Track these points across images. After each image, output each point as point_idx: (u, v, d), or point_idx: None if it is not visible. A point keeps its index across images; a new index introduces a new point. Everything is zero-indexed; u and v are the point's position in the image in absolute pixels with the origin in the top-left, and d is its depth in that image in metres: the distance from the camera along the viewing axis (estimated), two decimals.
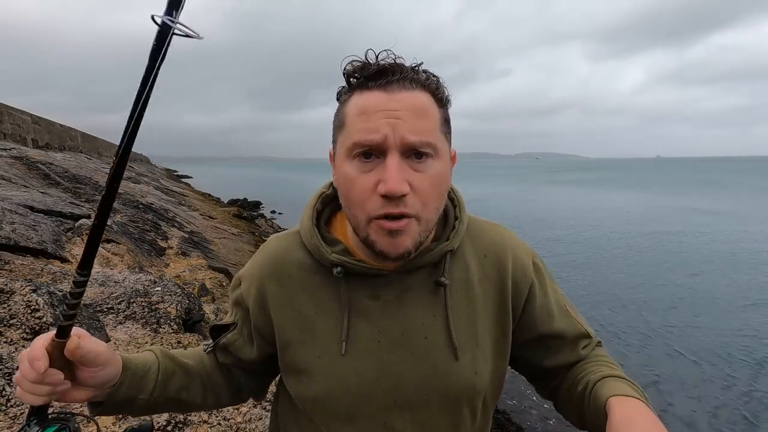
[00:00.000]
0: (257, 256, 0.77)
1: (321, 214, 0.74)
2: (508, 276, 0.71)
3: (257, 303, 0.72)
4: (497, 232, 0.75)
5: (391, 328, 0.67)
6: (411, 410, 0.67)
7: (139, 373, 0.69)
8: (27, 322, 2.34)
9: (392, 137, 0.57)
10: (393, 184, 0.56)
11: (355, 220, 0.63)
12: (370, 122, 0.58)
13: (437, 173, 0.61)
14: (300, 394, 0.70)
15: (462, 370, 0.67)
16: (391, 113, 0.58)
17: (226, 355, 0.80)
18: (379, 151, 0.59)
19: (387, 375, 0.66)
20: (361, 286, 0.68)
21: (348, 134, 0.61)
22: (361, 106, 0.60)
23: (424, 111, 0.60)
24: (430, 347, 0.67)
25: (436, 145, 0.60)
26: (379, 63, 0.60)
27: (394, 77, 0.59)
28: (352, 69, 0.62)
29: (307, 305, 0.70)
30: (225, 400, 0.82)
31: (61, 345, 0.57)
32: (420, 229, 0.61)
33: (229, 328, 0.78)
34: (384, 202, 0.58)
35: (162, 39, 0.45)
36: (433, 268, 0.69)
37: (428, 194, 0.60)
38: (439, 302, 0.68)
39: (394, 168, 0.57)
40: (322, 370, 0.67)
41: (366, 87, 0.60)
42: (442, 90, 0.63)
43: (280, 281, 0.71)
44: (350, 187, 0.61)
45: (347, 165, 0.61)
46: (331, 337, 0.68)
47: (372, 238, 0.61)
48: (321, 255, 0.68)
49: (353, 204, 0.62)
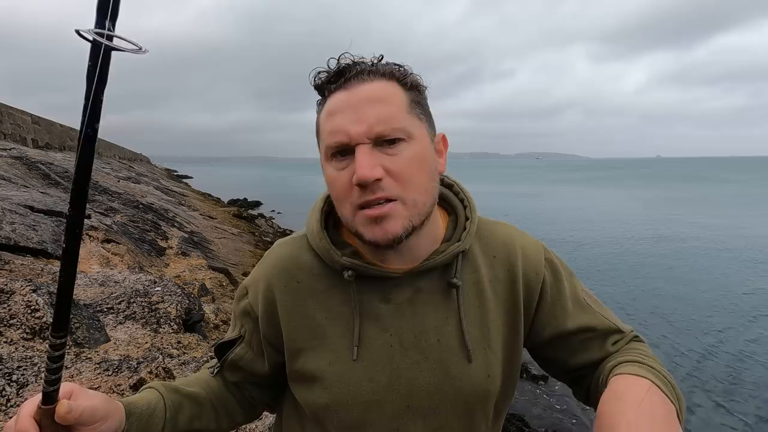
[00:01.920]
0: (263, 262, 0.75)
1: (329, 216, 0.73)
2: (519, 276, 0.70)
3: (266, 311, 0.70)
4: (506, 232, 0.74)
5: (404, 332, 0.66)
6: (424, 415, 0.66)
7: (144, 415, 0.64)
8: (27, 322, 2.34)
9: (356, 133, 0.59)
10: (362, 171, 0.57)
11: (345, 217, 0.64)
12: (335, 123, 0.61)
13: (413, 154, 0.61)
14: (310, 402, 0.68)
15: (475, 374, 0.66)
16: (351, 108, 0.60)
17: (235, 372, 0.77)
18: (349, 148, 0.60)
19: (400, 380, 0.65)
20: (372, 289, 0.67)
21: (322, 139, 0.64)
22: (327, 110, 0.63)
23: (385, 98, 0.61)
24: (443, 350, 0.66)
25: (404, 128, 0.60)
26: (339, 65, 0.63)
27: (350, 73, 0.61)
28: (317, 82, 0.65)
29: (317, 311, 0.68)
30: (240, 419, 0.79)
31: (49, 411, 0.52)
32: (408, 212, 0.60)
33: (236, 343, 0.75)
34: (361, 192, 0.59)
35: (97, 57, 0.38)
36: (445, 270, 0.68)
37: (406, 175, 0.60)
38: (451, 304, 0.67)
39: (363, 157, 0.58)
40: (334, 376, 0.66)
41: (330, 91, 0.63)
42: (407, 75, 0.64)
43: (289, 287, 0.70)
44: (333, 186, 0.63)
45: (327, 167, 0.64)
46: (342, 342, 0.67)
47: (360, 230, 0.61)
48: (331, 258, 0.67)
49: (338, 201, 0.64)
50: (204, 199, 21.15)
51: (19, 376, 1.94)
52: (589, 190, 35.88)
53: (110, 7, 0.37)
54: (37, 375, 2.00)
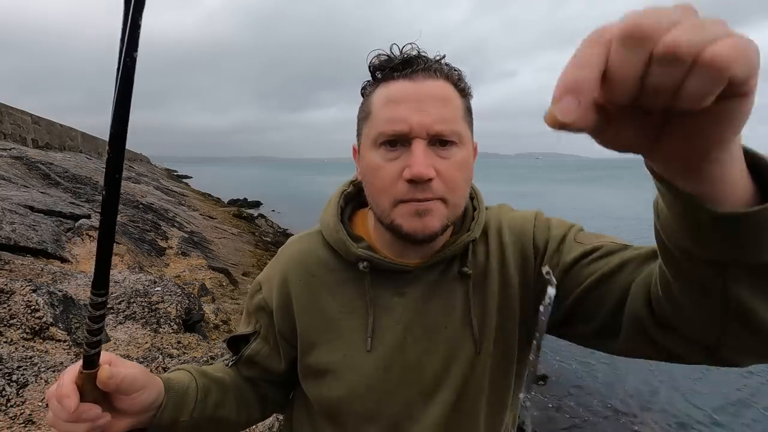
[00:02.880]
0: (278, 258, 0.76)
1: (343, 211, 0.73)
2: (509, 250, 0.68)
3: (281, 306, 0.71)
4: (495, 214, 0.73)
5: (416, 323, 0.67)
6: (434, 403, 0.67)
7: (180, 393, 0.65)
8: (27, 322, 2.34)
9: (418, 126, 0.58)
10: (419, 168, 0.57)
11: (380, 208, 0.63)
12: (396, 111, 0.59)
13: (462, 159, 0.61)
14: (322, 396, 0.69)
15: (480, 361, 0.67)
16: (416, 101, 0.59)
17: (251, 368, 0.77)
18: (405, 139, 0.59)
19: (411, 369, 0.66)
20: (386, 282, 0.68)
21: (374, 124, 0.62)
22: (387, 96, 0.61)
23: (449, 99, 0.61)
24: (452, 339, 0.67)
25: (460, 133, 0.61)
26: (404, 54, 0.62)
27: (418, 66, 0.60)
28: (377, 62, 0.63)
29: (331, 305, 0.69)
30: (255, 414, 0.79)
31: (91, 376, 0.52)
32: (447, 212, 0.61)
33: (252, 338, 0.76)
34: (410, 187, 0.59)
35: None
36: (455, 261, 0.69)
37: (454, 179, 0.61)
38: (459, 294, 0.68)
39: (420, 153, 0.58)
40: (348, 368, 0.67)
41: (391, 78, 0.61)
42: (463, 81, 0.64)
43: (303, 281, 0.70)
44: (376, 175, 0.61)
45: (373, 153, 0.62)
46: (356, 335, 0.67)
47: (398, 222, 0.61)
48: (347, 250, 0.67)
49: (379, 191, 0.62)
50: (204, 199, 21.16)
51: (19, 376, 1.94)
52: (587, 189, 35.92)
53: None
54: (37, 375, 2.00)
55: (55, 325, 2.43)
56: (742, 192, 0.33)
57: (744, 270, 0.36)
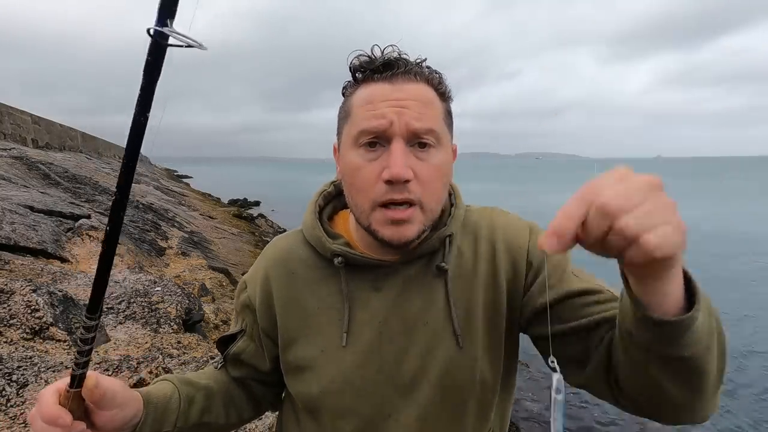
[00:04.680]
0: (261, 257, 0.77)
1: (323, 210, 0.75)
2: (501, 253, 0.69)
3: (263, 303, 0.72)
4: (489, 214, 0.74)
5: (393, 319, 0.67)
6: (413, 399, 0.66)
7: (160, 406, 0.66)
8: (27, 322, 2.34)
9: (397, 123, 0.59)
10: (397, 169, 0.58)
11: (359, 209, 0.63)
12: (376, 110, 0.60)
13: (440, 162, 0.62)
14: (302, 392, 0.70)
15: (461, 356, 0.66)
16: (396, 102, 0.60)
17: (238, 367, 0.78)
18: (385, 138, 0.60)
19: (388, 365, 0.66)
20: (363, 277, 0.68)
21: (354, 123, 0.63)
22: (367, 96, 0.62)
23: (429, 102, 0.62)
24: (432, 335, 0.67)
25: (439, 134, 0.62)
26: (384, 56, 0.62)
27: (399, 70, 0.61)
28: (358, 63, 0.64)
29: (310, 301, 0.70)
30: (247, 414, 0.80)
31: (77, 395, 0.53)
32: (424, 218, 0.62)
33: (237, 336, 0.77)
34: (388, 189, 0.59)
35: (157, 52, 0.40)
36: (432, 256, 0.69)
37: (431, 182, 0.61)
38: (439, 289, 0.68)
39: (399, 154, 0.59)
40: (325, 364, 0.67)
41: (372, 79, 0.62)
42: (444, 84, 0.65)
43: (284, 278, 0.71)
44: (355, 175, 0.62)
45: (353, 153, 0.62)
46: (333, 330, 0.68)
47: (374, 227, 0.62)
48: (322, 245, 0.69)
49: (358, 191, 0.62)
50: (204, 199, 21.16)
51: (19, 376, 1.94)
52: None
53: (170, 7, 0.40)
54: (37, 375, 2.00)
55: (55, 325, 2.43)
56: (674, 303, 0.43)
57: (659, 357, 0.47)
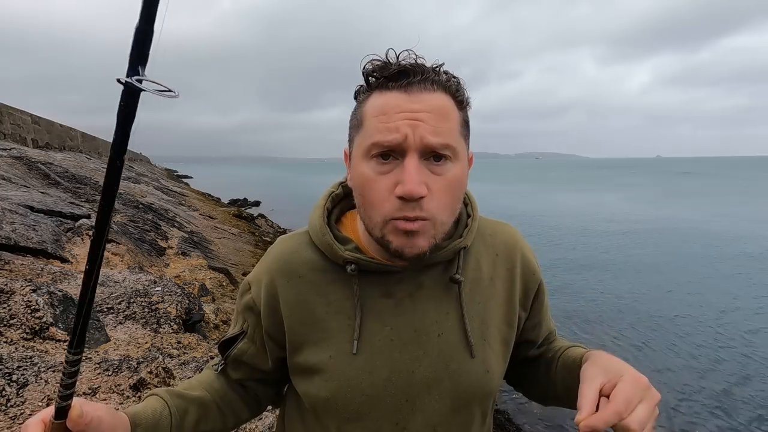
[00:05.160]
0: (265, 258, 0.75)
1: (331, 213, 0.73)
2: (518, 276, 0.73)
3: (268, 305, 0.71)
4: (508, 232, 0.76)
5: (404, 327, 0.67)
6: (423, 409, 0.66)
7: (150, 425, 0.64)
8: (27, 322, 2.34)
9: (412, 138, 0.57)
10: (411, 186, 0.56)
11: (371, 222, 0.62)
12: (390, 122, 0.57)
13: (455, 177, 0.60)
14: (310, 395, 0.69)
15: (474, 369, 0.67)
16: (411, 114, 0.57)
17: (238, 369, 0.77)
18: (398, 152, 0.58)
19: (399, 374, 0.66)
20: (374, 284, 0.67)
21: (366, 134, 0.60)
22: (381, 107, 0.59)
23: (445, 113, 0.59)
24: (444, 345, 0.67)
25: (455, 148, 0.60)
26: (400, 63, 0.59)
27: (415, 78, 0.58)
28: (372, 68, 0.61)
29: (318, 305, 0.69)
30: (245, 416, 0.80)
31: (61, 426, 0.53)
32: (435, 231, 0.61)
33: (239, 338, 0.75)
34: (401, 204, 0.58)
35: (131, 100, 0.41)
36: (447, 266, 0.69)
37: (445, 197, 0.60)
38: (452, 300, 0.68)
39: (413, 170, 0.57)
40: (334, 370, 0.66)
41: (386, 87, 0.60)
42: (462, 92, 0.62)
43: (291, 282, 0.70)
44: (367, 188, 0.60)
45: (364, 165, 0.60)
46: (343, 336, 0.67)
47: (388, 238, 0.61)
48: (334, 253, 0.67)
49: (370, 205, 0.61)
50: (204, 199, 21.15)
51: (19, 376, 1.94)
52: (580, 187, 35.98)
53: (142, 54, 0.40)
54: (37, 375, 2.00)
55: (55, 325, 2.43)
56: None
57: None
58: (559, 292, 8.23)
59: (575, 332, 6.44)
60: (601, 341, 6.16)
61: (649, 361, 5.67)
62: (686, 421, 4.34)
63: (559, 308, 7.26)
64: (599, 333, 6.48)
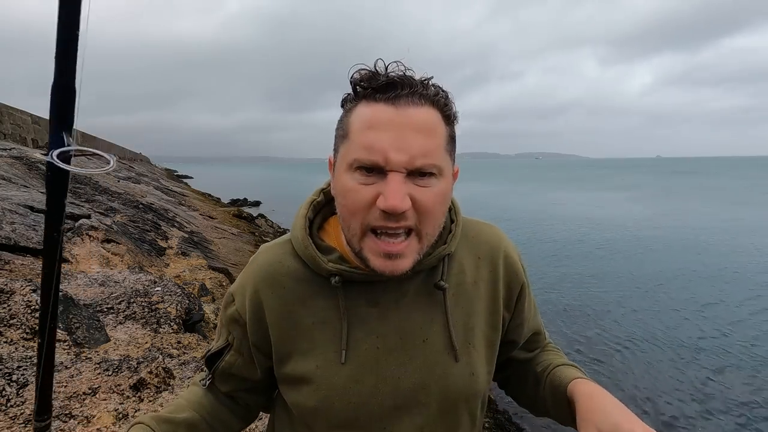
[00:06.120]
0: (248, 268, 0.73)
1: (312, 222, 0.72)
2: (500, 277, 0.73)
3: (254, 317, 0.70)
4: (491, 233, 0.76)
5: (390, 334, 0.67)
6: (410, 415, 0.67)
7: None
8: (27, 322, 2.34)
9: (396, 158, 0.56)
10: (394, 200, 0.55)
11: (350, 231, 0.62)
12: (375, 140, 0.57)
13: (439, 192, 0.60)
14: (298, 404, 0.69)
15: (460, 373, 0.68)
16: (397, 131, 0.56)
17: (227, 381, 0.76)
18: (381, 170, 0.58)
19: (386, 381, 0.66)
20: (359, 292, 0.67)
21: (351, 147, 0.59)
22: (367, 120, 0.58)
23: (432, 129, 0.58)
24: (429, 351, 0.67)
25: (440, 166, 0.59)
26: (388, 75, 0.58)
27: (402, 91, 0.57)
28: (359, 77, 0.60)
29: (304, 316, 0.68)
30: (237, 428, 0.80)
31: None
32: (419, 246, 0.61)
33: (225, 351, 0.75)
34: (383, 216, 0.58)
35: (58, 179, 0.36)
36: (431, 272, 0.69)
37: (429, 211, 0.59)
38: (437, 306, 0.69)
39: (396, 184, 0.56)
40: (322, 380, 0.66)
41: (373, 98, 0.58)
42: (450, 106, 0.61)
43: (275, 293, 0.69)
44: (349, 198, 0.59)
45: (347, 176, 0.60)
46: (330, 346, 0.67)
47: (367, 255, 0.60)
48: (317, 265, 0.67)
49: (351, 213, 0.60)
50: (204, 199, 21.15)
51: (19, 376, 1.94)
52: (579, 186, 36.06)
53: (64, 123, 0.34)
54: None
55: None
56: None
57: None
58: (550, 288, 8.40)
59: (571, 327, 6.54)
60: (587, 336, 6.29)
61: (641, 353, 5.78)
62: (670, 415, 4.39)
63: (549, 303, 7.44)
64: (588, 327, 6.58)
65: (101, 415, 1.88)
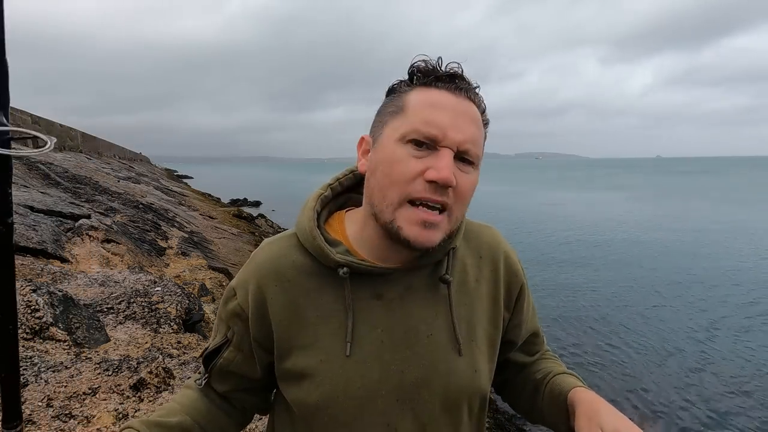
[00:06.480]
0: (251, 263, 0.73)
1: (319, 215, 0.73)
2: (501, 277, 0.75)
3: (256, 312, 0.69)
4: (490, 234, 0.78)
5: (394, 328, 0.67)
6: (413, 410, 0.67)
7: None
8: (27, 322, 2.34)
9: (453, 136, 0.61)
10: (446, 173, 0.59)
11: (385, 201, 0.63)
12: (436, 116, 0.61)
13: (474, 181, 0.65)
14: (300, 401, 0.68)
15: (463, 368, 0.68)
16: (455, 115, 0.62)
17: (224, 380, 0.76)
18: (434, 145, 0.61)
19: (390, 375, 0.66)
20: (364, 285, 0.68)
21: (408, 120, 0.63)
22: (429, 99, 0.63)
23: (480, 125, 0.65)
24: (433, 346, 0.68)
25: (480, 158, 0.65)
26: (449, 68, 0.65)
27: (464, 84, 0.64)
28: (423, 65, 0.65)
29: (308, 309, 0.68)
30: (233, 429, 0.79)
31: None
32: (448, 227, 0.65)
33: (223, 348, 0.74)
34: (428, 188, 0.60)
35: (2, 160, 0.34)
36: (435, 267, 0.70)
37: (464, 195, 0.64)
38: (441, 300, 0.69)
39: (449, 160, 0.60)
40: (326, 374, 0.66)
41: (434, 86, 0.64)
42: (486, 114, 0.68)
43: (279, 286, 0.69)
44: (395, 168, 0.62)
45: (397, 147, 0.62)
46: (334, 339, 0.67)
47: (398, 224, 0.62)
48: (325, 256, 0.67)
49: (391, 183, 0.62)
50: (204, 199, 21.15)
51: None
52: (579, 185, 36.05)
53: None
54: (37, 375, 2.00)
55: (55, 325, 2.43)
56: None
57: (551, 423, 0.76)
58: (549, 288, 8.44)
59: (568, 329, 6.55)
60: (586, 337, 6.31)
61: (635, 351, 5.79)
62: (657, 410, 4.39)
63: (547, 305, 7.47)
64: (587, 327, 6.60)
65: (101, 415, 1.88)
